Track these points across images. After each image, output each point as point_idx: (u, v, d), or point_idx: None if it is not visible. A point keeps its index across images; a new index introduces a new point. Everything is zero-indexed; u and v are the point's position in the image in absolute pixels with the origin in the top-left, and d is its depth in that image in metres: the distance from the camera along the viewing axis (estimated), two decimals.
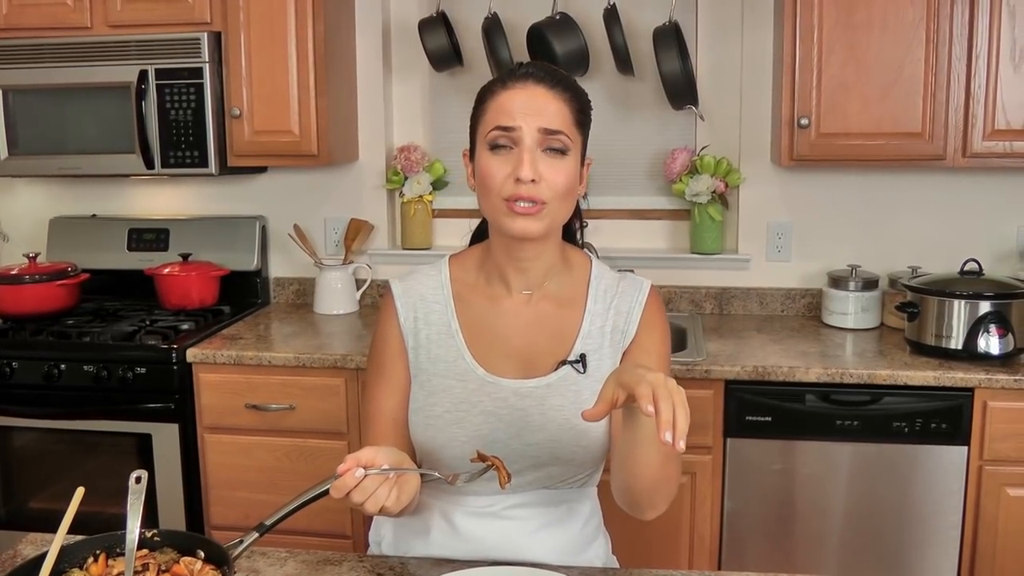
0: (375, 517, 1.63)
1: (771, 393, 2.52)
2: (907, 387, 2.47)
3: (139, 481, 1.26)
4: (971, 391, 2.45)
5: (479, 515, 1.49)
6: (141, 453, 2.74)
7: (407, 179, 3.24)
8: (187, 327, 2.94)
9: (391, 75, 3.31)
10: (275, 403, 2.72)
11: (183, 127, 2.92)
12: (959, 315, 2.53)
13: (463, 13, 3.17)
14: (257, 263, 3.31)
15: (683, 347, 2.72)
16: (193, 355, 2.73)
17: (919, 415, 2.48)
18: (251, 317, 3.18)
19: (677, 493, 1.45)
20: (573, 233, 1.60)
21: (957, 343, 2.54)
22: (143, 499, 1.25)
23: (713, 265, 3.16)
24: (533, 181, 1.36)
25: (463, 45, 3.15)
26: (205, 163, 2.93)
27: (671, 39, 2.89)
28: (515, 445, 1.43)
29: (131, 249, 3.34)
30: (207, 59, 2.89)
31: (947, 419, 2.47)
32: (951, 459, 2.48)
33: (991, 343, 2.50)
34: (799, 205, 3.12)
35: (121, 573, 1.21)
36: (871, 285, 2.91)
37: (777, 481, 2.57)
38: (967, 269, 2.66)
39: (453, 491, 1.49)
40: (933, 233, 3.05)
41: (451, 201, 3.32)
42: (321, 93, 2.92)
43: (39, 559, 1.20)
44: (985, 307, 2.51)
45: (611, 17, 2.95)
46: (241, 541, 1.25)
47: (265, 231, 3.37)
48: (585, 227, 1.66)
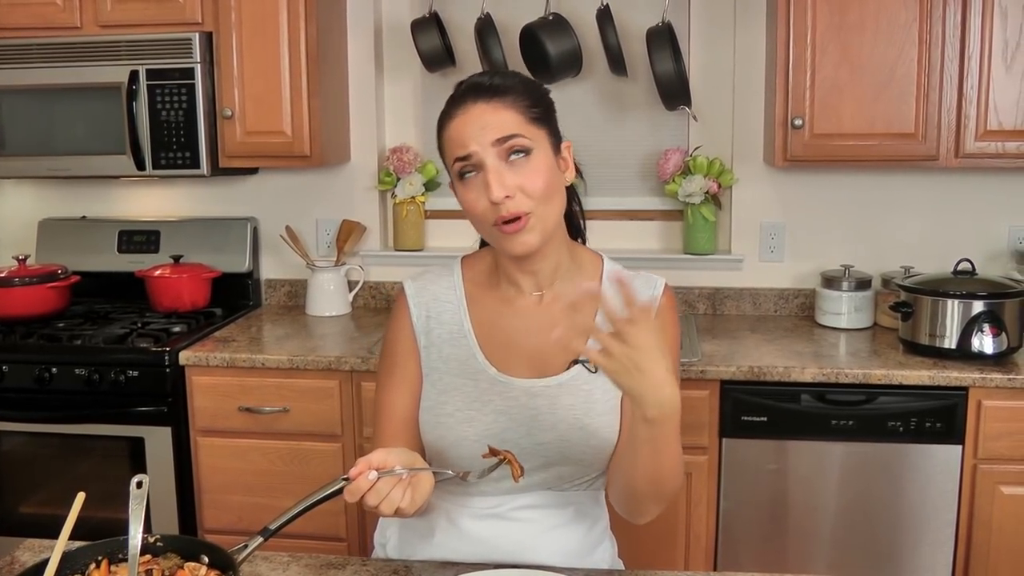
0: (380, 519, 1.62)
1: (766, 393, 2.53)
2: (902, 386, 2.48)
3: (140, 486, 1.25)
4: (965, 390, 2.46)
5: (485, 517, 1.49)
6: (133, 457, 2.72)
7: (399, 180, 3.22)
8: (179, 329, 2.91)
9: (383, 76, 3.30)
10: (269, 406, 2.70)
11: (174, 128, 2.90)
12: (953, 315, 2.54)
13: (456, 14, 3.16)
14: (249, 265, 3.29)
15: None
16: (186, 358, 2.71)
17: (914, 414, 2.48)
18: (243, 319, 3.16)
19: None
20: (573, 216, 1.58)
21: (951, 342, 2.55)
22: (145, 504, 1.24)
23: (706, 265, 3.16)
24: (508, 197, 1.36)
25: (456, 46, 3.14)
26: (197, 164, 2.91)
27: (664, 40, 2.89)
28: (525, 444, 1.43)
29: (121, 251, 3.31)
30: (198, 59, 2.87)
31: (941, 418, 2.48)
32: (945, 458, 2.49)
33: (985, 342, 2.51)
34: (792, 205, 3.12)
35: None
36: (864, 285, 2.92)
37: (773, 481, 2.57)
38: (960, 269, 2.67)
39: (459, 493, 1.49)
40: (925, 233, 3.06)
41: (443, 202, 3.30)
42: (313, 94, 2.91)
43: (40, 566, 1.18)
44: (979, 307, 2.52)
45: (604, 17, 2.94)
46: (245, 546, 1.25)
47: (256, 232, 3.35)
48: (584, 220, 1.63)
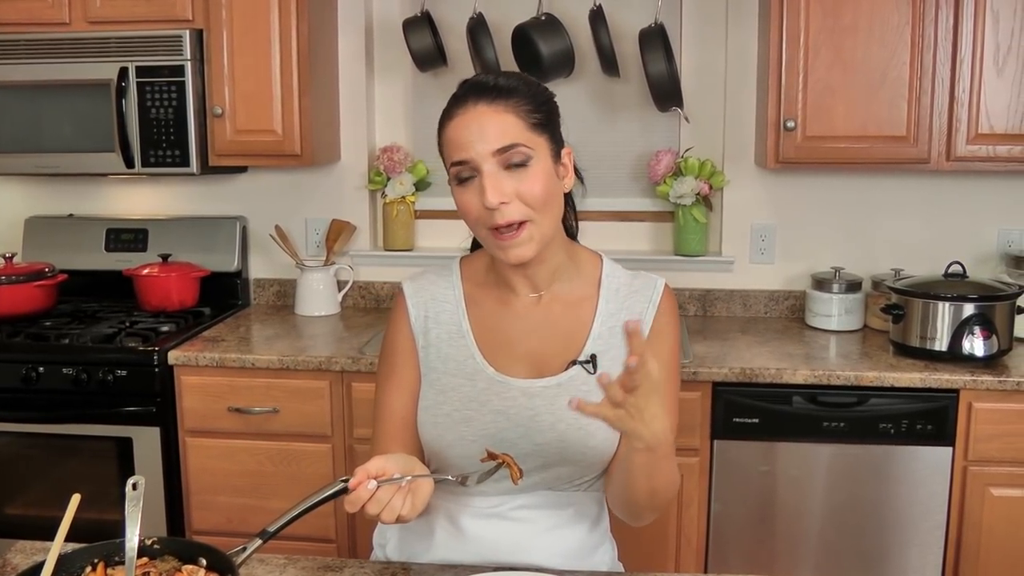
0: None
1: (758, 395, 2.53)
2: (893, 389, 2.48)
3: (136, 487, 1.23)
4: (956, 392, 2.47)
5: (485, 517, 1.48)
6: (121, 457, 2.70)
7: (389, 180, 3.21)
8: (167, 329, 2.89)
9: (373, 75, 3.29)
10: (258, 406, 2.69)
11: (164, 126, 2.87)
12: (944, 317, 2.55)
13: (448, 13, 3.15)
14: (237, 264, 3.27)
15: None
16: (175, 357, 2.69)
17: (905, 416, 2.49)
18: (232, 319, 3.14)
19: None
20: (568, 227, 1.57)
21: (942, 345, 2.55)
22: (141, 506, 1.23)
23: (697, 267, 3.16)
24: (504, 203, 1.35)
25: (447, 45, 3.13)
26: (186, 162, 2.89)
27: (657, 41, 2.89)
28: (523, 445, 1.42)
29: (109, 250, 3.28)
30: (189, 57, 2.85)
31: (932, 420, 2.48)
32: (936, 460, 2.50)
33: (976, 345, 2.52)
34: (782, 207, 3.13)
35: None
36: (855, 287, 2.93)
37: (764, 483, 2.58)
38: (951, 271, 2.68)
39: (459, 493, 1.48)
40: (915, 236, 3.08)
41: (434, 202, 3.29)
42: (304, 93, 2.89)
43: (35, 569, 1.16)
44: (969, 309, 2.53)
45: (597, 18, 2.94)
46: (244, 548, 1.23)
47: (245, 232, 3.33)
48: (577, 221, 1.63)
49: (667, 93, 2.94)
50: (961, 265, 2.70)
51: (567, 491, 1.49)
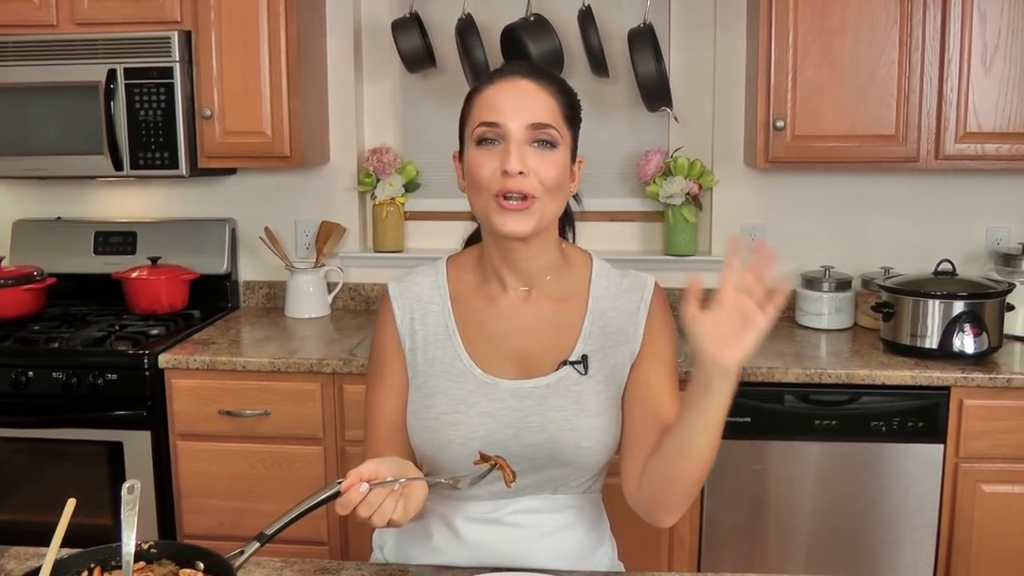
0: None
1: (750, 394, 2.53)
2: (884, 387, 2.50)
3: (131, 491, 1.22)
4: (947, 390, 2.48)
5: (482, 521, 1.47)
6: (112, 461, 2.68)
7: (379, 181, 3.20)
8: (157, 332, 2.88)
9: (362, 76, 3.28)
10: (249, 409, 2.67)
11: (153, 128, 2.86)
12: (934, 315, 2.56)
13: (436, 14, 3.14)
14: (227, 266, 3.26)
15: None
16: (165, 360, 2.67)
17: (896, 414, 2.50)
18: (222, 321, 3.12)
19: None
20: (562, 229, 1.57)
21: (932, 342, 2.57)
22: (137, 510, 1.22)
23: (687, 267, 3.16)
24: (521, 173, 1.34)
25: (436, 46, 3.12)
26: (175, 164, 2.88)
27: (646, 41, 2.89)
28: (513, 446, 1.40)
29: (97, 252, 3.27)
30: (177, 58, 2.83)
31: (923, 418, 2.50)
32: (927, 457, 2.51)
33: (966, 342, 2.53)
34: (772, 207, 3.14)
35: None
36: (844, 286, 2.94)
37: (756, 481, 2.58)
38: (941, 270, 2.70)
39: (455, 497, 1.46)
40: (905, 234, 3.09)
41: (423, 203, 3.29)
42: (293, 94, 2.88)
43: (31, 575, 1.15)
44: (959, 307, 2.55)
45: (586, 18, 2.94)
46: (242, 552, 1.22)
47: (235, 234, 3.31)
48: (573, 230, 1.63)
49: (656, 93, 2.94)
50: (950, 263, 2.71)
51: (563, 494, 1.48)
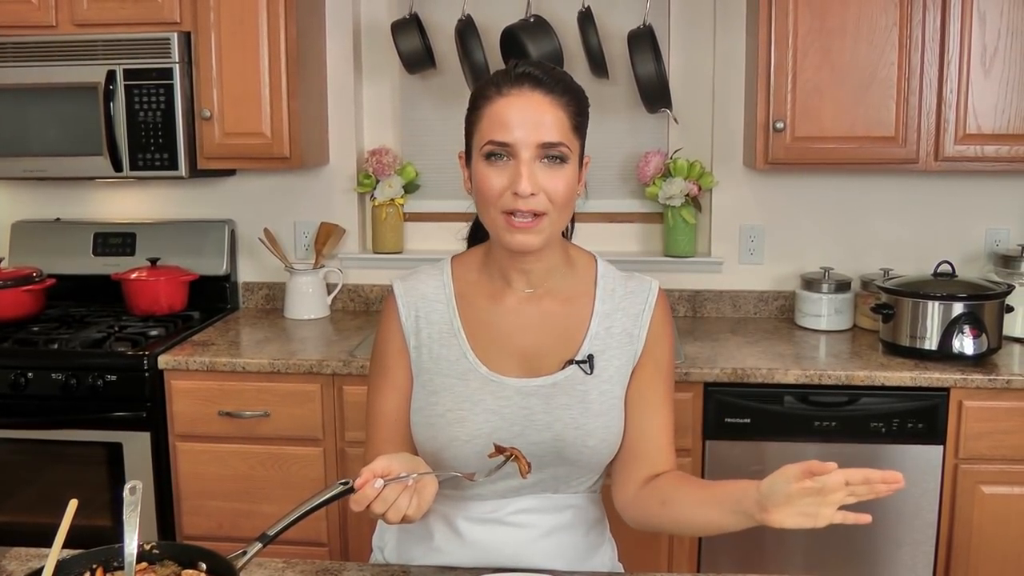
0: (378, 522, 1.60)
1: (750, 395, 2.54)
2: (884, 388, 2.50)
3: (133, 492, 1.22)
4: (946, 391, 2.48)
5: (483, 521, 1.47)
6: (111, 463, 2.68)
7: (378, 182, 3.20)
8: (156, 333, 2.88)
9: (362, 77, 3.28)
10: (249, 410, 2.67)
11: (152, 129, 2.85)
12: (934, 316, 2.56)
13: (436, 15, 3.14)
14: (226, 267, 3.25)
15: None
16: (165, 362, 2.67)
17: (896, 415, 2.50)
18: (221, 323, 3.12)
19: None
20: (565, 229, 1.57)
21: (932, 344, 2.57)
22: (139, 510, 1.22)
23: (686, 268, 3.17)
24: (533, 195, 1.35)
25: (436, 47, 3.12)
26: (175, 165, 2.87)
27: (646, 42, 2.89)
28: (518, 444, 1.40)
29: (97, 254, 3.26)
30: (177, 59, 2.83)
31: (923, 419, 2.50)
32: (927, 458, 2.51)
33: (965, 343, 2.53)
34: (771, 208, 3.14)
35: None
36: (844, 287, 2.94)
37: None
38: (940, 271, 2.70)
39: (456, 497, 1.47)
40: (904, 235, 3.09)
41: (422, 204, 3.29)
42: (293, 95, 2.88)
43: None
44: (959, 308, 2.55)
45: (585, 20, 2.94)
46: (244, 552, 1.22)
47: (234, 235, 3.31)
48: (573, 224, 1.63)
49: (656, 94, 2.94)
50: (950, 264, 2.71)
51: (565, 494, 1.48)
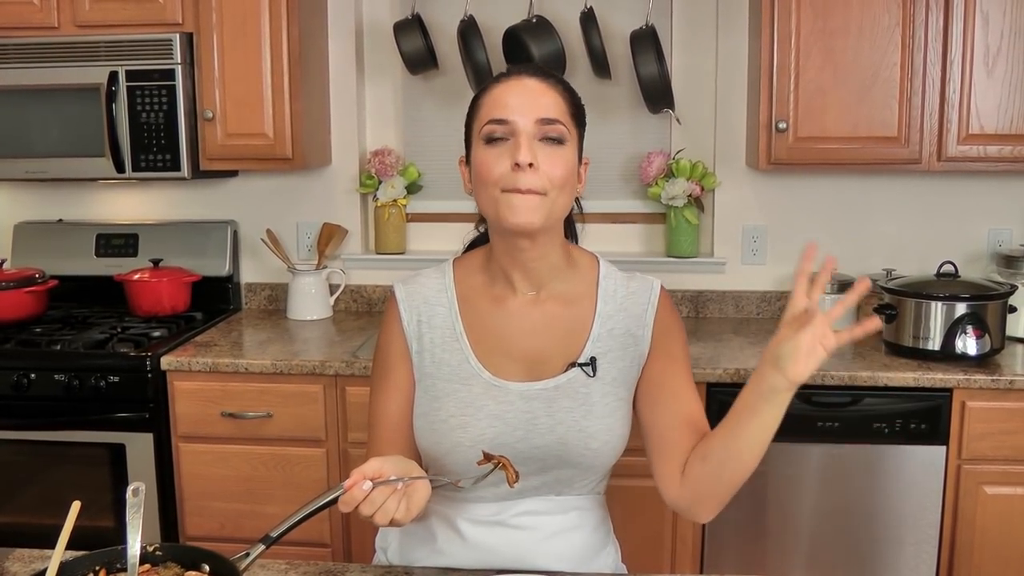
0: None
1: None
2: (886, 388, 2.49)
3: (137, 494, 1.22)
4: (949, 391, 2.48)
5: (486, 523, 1.46)
6: (114, 464, 2.68)
7: (381, 183, 3.20)
8: (159, 334, 2.88)
9: (364, 78, 3.28)
10: (252, 411, 2.67)
11: (154, 130, 2.86)
12: (937, 317, 2.56)
13: (438, 15, 3.14)
14: (229, 268, 3.26)
15: None
16: (167, 363, 2.67)
17: (899, 416, 2.50)
18: (224, 324, 3.12)
19: (657, 495, 1.46)
20: (567, 229, 1.57)
21: (935, 344, 2.57)
22: (142, 512, 1.22)
23: (689, 268, 3.17)
24: (531, 165, 1.34)
25: (438, 48, 3.12)
26: (177, 167, 2.88)
27: (648, 43, 2.89)
28: (522, 448, 1.40)
29: (99, 255, 3.26)
30: (179, 60, 2.83)
31: (926, 419, 2.49)
32: (930, 459, 2.51)
33: (968, 344, 2.53)
34: (773, 208, 3.14)
35: None
36: (846, 287, 2.92)
37: (758, 483, 2.58)
38: (943, 271, 2.69)
39: (458, 499, 1.46)
40: (907, 236, 3.09)
41: (425, 205, 3.29)
42: (295, 96, 2.88)
43: None
44: (962, 308, 2.55)
45: (588, 20, 2.94)
46: (247, 554, 1.22)
47: (236, 236, 3.31)
48: (578, 231, 1.64)
49: (658, 95, 2.94)
50: (953, 265, 2.71)
51: (568, 496, 1.48)
